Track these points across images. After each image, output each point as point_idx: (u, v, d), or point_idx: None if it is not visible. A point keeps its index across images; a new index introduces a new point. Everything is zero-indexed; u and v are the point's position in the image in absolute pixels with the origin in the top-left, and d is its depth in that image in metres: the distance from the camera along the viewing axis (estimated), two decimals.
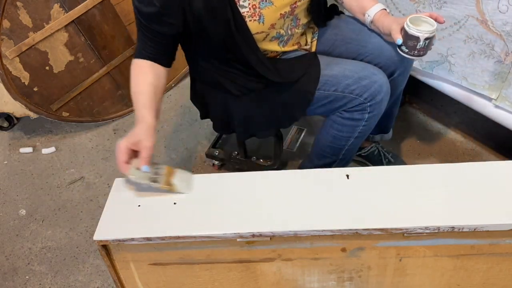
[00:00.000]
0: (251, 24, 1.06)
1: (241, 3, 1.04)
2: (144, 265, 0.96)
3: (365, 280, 0.96)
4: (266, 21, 1.08)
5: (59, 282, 1.40)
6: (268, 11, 1.07)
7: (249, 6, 1.05)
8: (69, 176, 1.78)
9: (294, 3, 1.11)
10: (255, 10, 1.05)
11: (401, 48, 1.10)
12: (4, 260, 1.49)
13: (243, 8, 1.04)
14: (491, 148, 1.63)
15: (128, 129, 1.95)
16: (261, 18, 1.07)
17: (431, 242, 0.88)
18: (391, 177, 0.95)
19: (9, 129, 2.04)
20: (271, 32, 1.13)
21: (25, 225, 1.60)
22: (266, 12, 1.07)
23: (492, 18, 1.23)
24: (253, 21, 1.06)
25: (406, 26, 1.05)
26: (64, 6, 1.73)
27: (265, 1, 1.06)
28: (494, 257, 0.90)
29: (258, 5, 1.05)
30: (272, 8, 1.07)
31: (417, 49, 1.07)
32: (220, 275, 0.97)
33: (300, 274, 0.96)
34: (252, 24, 1.06)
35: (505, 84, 1.31)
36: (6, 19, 1.63)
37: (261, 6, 1.06)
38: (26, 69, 1.74)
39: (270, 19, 1.08)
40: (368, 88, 1.11)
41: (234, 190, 0.96)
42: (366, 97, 1.12)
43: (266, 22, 1.08)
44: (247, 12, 1.05)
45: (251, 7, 1.05)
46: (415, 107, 1.81)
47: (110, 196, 0.98)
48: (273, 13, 1.08)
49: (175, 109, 2.01)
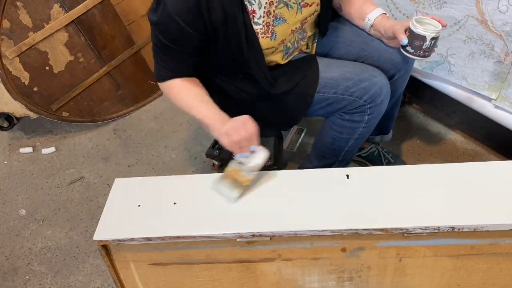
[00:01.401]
0: (263, 41, 1.06)
1: (256, 20, 1.03)
2: (144, 265, 0.96)
3: (365, 280, 0.96)
4: (277, 37, 1.08)
5: (59, 282, 1.40)
6: (281, 28, 1.07)
7: (263, 23, 1.04)
8: (69, 176, 1.78)
9: (304, 19, 1.11)
10: (269, 27, 1.05)
11: (406, 49, 1.10)
12: (4, 260, 1.49)
13: (257, 25, 1.04)
14: (491, 148, 1.63)
15: (128, 129, 1.96)
16: (274, 35, 1.07)
17: (431, 242, 0.88)
18: (391, 177, 0.95)
19: (9, 129, 2.04)
20: (279, 47, 1.13)
21: (25, 225, 1.60)
22: (278, 29, 1.07)
23: (492, 18, 1.23)
24: (265, 37, 1.06)
25: (412, 26, 1.05)
26: (64, 6, 1.73)
27: (278, 19, 1.06)
28: (494, 257, 0.90)
29: (272, 22, 1.05)
30: (285, 26, 1.08)
31: (423, 49, 1.07)
32: (220, 275, 0.97)
33: (300, 274, 0.96)
34: (264, 41, 1.06)
35: (505, 84, 1.31)
36: (6, 19, 1.63)
37: (274, 24, 1.06)
38: (26, 69, 1.74)
39: (281, 36, 1.09)
40: (368, 90, 1.11)
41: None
42: (366, 99, 1.11)
43: (277, 39, 1.08)
44: (261, 29, 1.04)
45: (264, 25, 1.05)
46: (415, 107, 1.81)
47: (110, 196, 0.98)
48: (285, 30, 1.09)
49: (175, 109, 2.01)
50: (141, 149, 1.85)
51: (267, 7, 1.03)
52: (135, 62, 2.03)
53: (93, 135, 1.96)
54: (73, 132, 1.99)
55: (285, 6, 1.06)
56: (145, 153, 1.83)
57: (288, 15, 1.07)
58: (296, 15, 1.09)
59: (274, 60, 1.17)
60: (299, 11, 1.09)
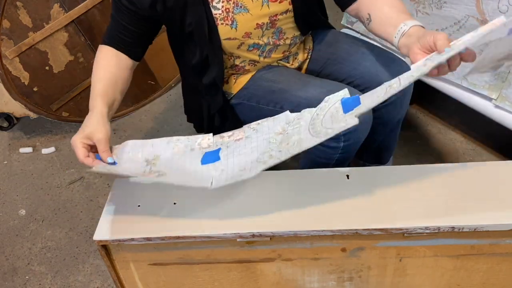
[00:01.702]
0: (222, 28, 1.04)
1: (214, 4, 1.02)
2: (144, 265, 0.96)
3: (365, 280, 0.96)
4: (239, 27, 1.05)
5: (59, 282, 1.40)
6: (242, 18, 1.05)
7: (222, 8, 1.02)
8: (69, 176, 1.78)
9: (274, 15, 1.08)
10: (228, 14, 1.03)
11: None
12: (4, 260, 1.49)
13: (216, 9, 1.02)
14: (491, 148, 1.63)
15: (128, 129, 1.95)
16: (234, 23, 1.04)
17: (431, 242, 0.88)
18: (391, 177, 0.95)
19: (9, 129, 2.03)
20: (246, 40, 1.10)
21: (25, 225, 1.60)
22: (239, 18, 1.04)
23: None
24: (224, 25, 1.04)
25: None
26: (64, 6, 1.73)
27: (239, 7, 1.03)
28: (494, 257, 0.90)
29: (232, 9, 1.03)
30: (247, 16, 1.05)
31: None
32: (220, 275, 0.97)
33: (300, 274, 0.96)
34: (224, 28, 1.04)
35: (505, 84, 1.31)
36: (6, 19, 1.63)
37: (234, 11, 1.03)
38: (26, 69, 1.74)
39: (244, 27, 1.06)
40: None
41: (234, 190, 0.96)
42: None
43: (239, 29, 1.05)
44: (220, 14, 1.03)
45: (224, 10, 1.02)
46: (415, 107, 1.81)
47: (110, 196, 0.98)
48: (248, 22, 1.06)
49: (175, 109, 2.01)
50: None
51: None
52: None
53: None
54: (73, 132, 1.97)
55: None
56: None
57: (251, 5, 1.04)
58: (262, 8, 1.06)
59: (250, 57, 1.15)
60: (266, 4, 1.06)
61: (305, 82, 1.14)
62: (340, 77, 1.20)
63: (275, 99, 1.14)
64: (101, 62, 1.04)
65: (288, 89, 1.13)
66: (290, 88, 1.13)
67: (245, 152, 0.87)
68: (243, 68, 1.18)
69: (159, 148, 0.93)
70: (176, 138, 0.94)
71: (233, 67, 1.18)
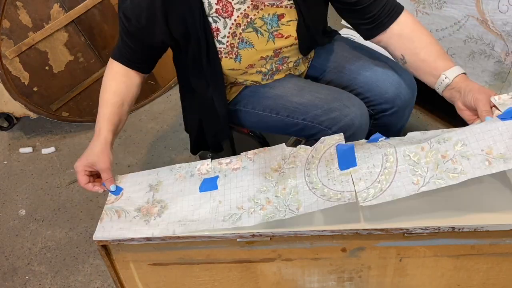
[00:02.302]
0: (226, 61, 1.03)
1: (219, 39, 1.00)
2: (144, 265, 0.96)
3: (365, 280, 0.96)
4: (243, 61, 1.04)
5: (59, 282, 1.40)
6: (246, 53, 1.03)
7: (227, 43, 1.01)
8: (69, 176, 1.78)
9: (279, 49, 1.06)
10: (233, 49, 1.02)
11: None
12: (4, 260, 1.49)
13: (221, 44, 1.01)
14: None
15: (128, 129, 1.95)
16: (238, 57, 1.03)
17: (431, 242, 0.88)
18: None
19: (9, 129, 2.04)
20: (249, 70, 1.09)
21: (25, 225, 1.60)
22: (244, 53, 1.03)
23: (492, 18, 1.23)
24: (228, 58, 1.03)
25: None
26: (64, 6, 1.73)
27: (245, 43, 1.02)
28: (494, 257, 0.90)
29: (237, 44, 1.01)
30: (251, 51, 1.03)
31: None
32: (220, 275, 0.97)
33: (300, 274, 0.96)
34: (227, 61, 1.03)
35: (505, 84, 1.31)
36: (6, 19, 1.63)
37: (239, 46, 1.02)
38: (26, 69, 1.74)
39: (248, 60, 1.05)
40: (337, 121, 1.04)
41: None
42: (336, 130, 1.04)
43: (243, 62, 1.05)
44: (224, 48, 1.01)
45: (228, 45, 1.01)
46: (415, 107, 1.81)
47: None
48: (253, 56, 1.05)
49: (175, 109, 2.01)
50: (141, 149, 1.85)
51: (233, 28, 0.99)
52: None
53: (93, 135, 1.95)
54: (73, 132, 1.99)
55: (254, 31, 1.01)
56: (145, 153, 1.83)
57: (256, 41, 1.03)
58: (267, 43, 1.04)
59: (254, 79, 1.14)
60: (271, 40, 1.04)
61: (301, 88, 1.13)
62: (340, 85, 1.19)
63: (270, 105, 1.13)
64: (111, 84, 1.04)
65: (284, 95, 1.12)
66: (285, 94, 1.12)
67: (241, 186, 0.91)
68: (244, 84, 1.18)
69: (163, 174, 0.99)
70: (178, 165, 1.00)
71: (234, 83, 1.17)
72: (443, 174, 0.76)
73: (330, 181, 0.84)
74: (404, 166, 0.80)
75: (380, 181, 0.80)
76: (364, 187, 0.80)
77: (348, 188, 0.81)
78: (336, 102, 1.06)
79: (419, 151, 0.80)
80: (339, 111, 1.04)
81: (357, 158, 0.85)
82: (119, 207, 0.94)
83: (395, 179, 0.79)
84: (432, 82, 0.96)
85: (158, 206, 0.93)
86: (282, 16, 1.02)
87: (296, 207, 0.83)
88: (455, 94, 0.90)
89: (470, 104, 0.85)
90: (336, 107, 1.05)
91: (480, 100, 0.83)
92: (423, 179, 0.77)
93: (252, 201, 0.88)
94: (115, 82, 1.04)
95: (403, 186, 0.78)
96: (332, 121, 1.04)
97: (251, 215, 0.85)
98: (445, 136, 0.80)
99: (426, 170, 0.78)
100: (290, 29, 1.04)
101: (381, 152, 0.83)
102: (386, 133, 1.23)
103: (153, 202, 0.94)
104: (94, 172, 0.98)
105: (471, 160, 0.76)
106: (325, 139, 0.91)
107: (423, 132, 0.88)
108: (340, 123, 1.04)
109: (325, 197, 0.81)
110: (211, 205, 0.90)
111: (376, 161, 0.83)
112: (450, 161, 0.77)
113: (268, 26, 1.02)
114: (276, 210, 0.84)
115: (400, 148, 0.82)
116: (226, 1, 0.97)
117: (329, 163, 0.86)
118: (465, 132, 0.79)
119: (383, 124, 1.21)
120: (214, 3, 0.96)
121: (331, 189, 0.82)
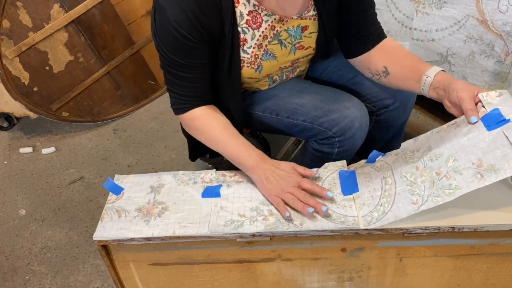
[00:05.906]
0: (247, 70, 1.03)
1: (245, 49, 1.00)
2: (144, 265, 0.96)
3: (365, 280, 0.96)
4: (263, 71, 1.05)
5: (59, 282, 1.40)
6: (268, 64, 1.04)
7: (252, 54, 1.01)
8: (69, 176, 1.78)
9: (296, 60, 1.09)
10: (256, 60, 1.02)
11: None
12: (4, 260, 1.49)
13: (245, 53, 1.01)
14: None
15: (128, 129, 1.96)
16: (260, 68, 1.04)
17: (431, 242, 0.88)
18: None
19: (9, 129, 2.04)
20: (264, 78, 1.10)
21: (25, 225, 1.60)
22: (266, 64, 1.04)
23: (492, 18, 1.23)
24: (250, 68, 1.03)
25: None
26: (64, 6, 1.73)
27: (269, 55, 1.03)
28: (494, 257, 0.90)
29: (261, 56, 1.02)
30: (273, 62, 1.05)
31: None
32: (220, 275, 0.97)
33: (300, 274, 0.96)
34: (248, 70, 1.03)
35: (505, 84, 1.31)
36: (6, 19, 1.63)
37: (263, 58, 1.03)
38: (26, 69, 1.75)
39: (268, 71, 1.06)
40: (337, 122, 1.04)
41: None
42: (336, 131, 1.04)
43: (263, 72, 1.05)
44: (248, 58, 1.01)
45: (253, 55, 1.01)
46: (415, 107, 1.81)
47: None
48: (273, 67, 1.06)
49: None
50: (141, 149, 1.85)
51: (260, 40, 1.00)
52: (135, 62, 2.03)
53: (93, 135, 1.96)
54: (73, 132, 1.99)
55: (279, 44, 1.03)
56: (145, 153, 1.83)
57: (279, 53, 1.04)
58: (288, 55, 1.05)
59: (259, 87, 1.15)
60: (293, 52, 1.06)
61: (301, 89, 1.14)
62: (340, 84, 1.20)
63: (271, 106, 1.14)
64: (211, 124, 1.01)
65: (284, 96, 1.13)
66: (285, 95, 1.13)
67: (245, 196, 0.94)
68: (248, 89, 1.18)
69: (166, 178, 1.01)
70: (182, 172, 1.02)
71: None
72: (440, 191, 0.80)
73: (332, 204, 0.89)
74: (402, 187, 0.85)
75: (382, 203, 0.85)
76: (368, 211, 0.85)
77: (351, 213, 0.86)
78: (336, 103, 1.07)
79: (414, 171, 0.85)
80: (339, 112, 1.05)
81: (359, 183, 0.91)
82: (120, 207, 0.94)
83: (395, 200, 0.84)
84: (416, 86, 0.97)
85: (159, 207, 0.93)
86: (305, 28, 1.03)
87: (299, 222, 0.86)
88: (441, 92, 0.91)
89: (455, 102, 0.85)
90: (336, 109, 1.05)
91: (464, 99, 0.83)
92: (422, 198, 0.81)
93: (255, 211, 0.90)
94: (210, 120, 1.02)
95: (403, 206, 0.83)
96: (332, 122, 1.05)
97: (253, 224, 0.87)
98: (436, 152, 0.84)
99: (423, 189, 0.82)
100: (311, 40, 1.06)
101: (379, 176, 0.89)
102: (389, 130, 1.24)
103: (154, 203, 0.94)
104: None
105: (463, 175, 0.79)
106: (328, 165, 0.97)
107: (415, 139, 0.93)
108: (340, 124, 1.04)
109: (328, 218, 0.86)
110: (212, 210, 0.91)
111: (376, 184, 0.89)
112: (444, 177, 0.81)
113: (292, 38, 1.03)
114: (279, 222, 0.87)
115: (397, 170, 0.88)
116: (257, 12, 0.97)
117: (332, 187, 0.92)
118: (454, 146, 0.82)
119: (385, 120, 1.21)
120: (246, 14, 0.96)
121: (334, 211, 0.87)
